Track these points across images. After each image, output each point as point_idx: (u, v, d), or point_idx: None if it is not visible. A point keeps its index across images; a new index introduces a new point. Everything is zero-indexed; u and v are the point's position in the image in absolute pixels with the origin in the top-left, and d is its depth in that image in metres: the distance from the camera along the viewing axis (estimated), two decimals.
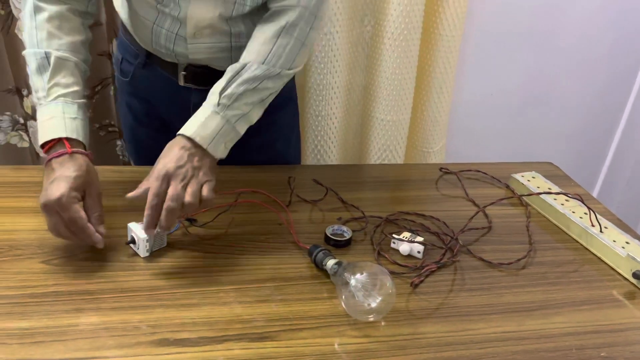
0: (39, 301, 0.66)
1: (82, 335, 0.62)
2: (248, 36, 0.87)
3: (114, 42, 1.30)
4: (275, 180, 0.98)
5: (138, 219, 0.77)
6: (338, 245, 0.82)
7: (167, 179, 0.74)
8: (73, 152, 0.74)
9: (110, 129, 1.41)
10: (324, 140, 1.47)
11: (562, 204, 0.94)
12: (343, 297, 0.69)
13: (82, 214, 0.72)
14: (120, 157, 1.46)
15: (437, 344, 0.67)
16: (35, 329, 0.62)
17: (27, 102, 1.30)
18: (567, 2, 1.59)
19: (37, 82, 0.78)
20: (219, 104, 0.81)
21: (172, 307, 0.68)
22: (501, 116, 1.72)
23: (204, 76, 0.93)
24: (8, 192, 0.86)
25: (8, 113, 1.32)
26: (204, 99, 0.95)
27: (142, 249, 0.76)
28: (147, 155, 1.09)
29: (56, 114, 0.76)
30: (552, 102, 1.74)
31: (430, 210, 0.94)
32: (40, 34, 0.79)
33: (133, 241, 0.76)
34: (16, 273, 0.70)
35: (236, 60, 0.87)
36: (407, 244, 0.81)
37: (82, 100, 0.80)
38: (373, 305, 0.68)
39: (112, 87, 1.36)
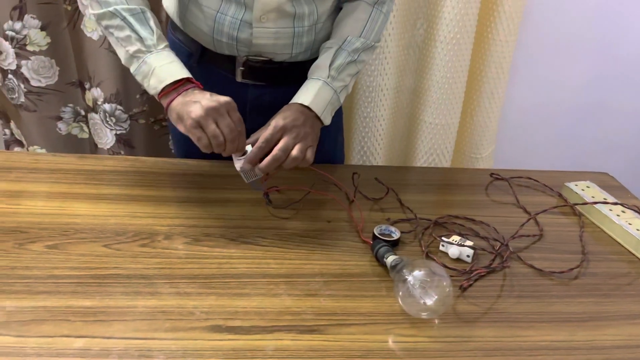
0: (101, 282, 0.70)
1: (141, 317, 0.65)
2: (308, 19, 0.91)
3: None
4: (322, 178, 0.99)
5: (191, 210, 0.79)
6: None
7: (282, 131, 0.82)
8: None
9: (164, 123, 1.46)
10: (370, 142, 1.48)
11: (618, 215, 0.92)
12: (400, 292, 0.70)
13: None
14: (172, 151, 1.51)
15: (485, 349, 0.66)
16: (97, 308, 0.66)
17: (88, 95, 1.36)
18: (628, 9, 1.55)
19: (142, 32, 0.83)
20: (329, 76, 0.89)
21: (224, 295, 0.70)
22: (554, 124, 1.69)
23: (262, 71, 0.95)
24: (73, 179, 0.91)
25: (70, 105, 1.38)
26: (260, 95, 0.97)
27: (238, 163, 0.84)
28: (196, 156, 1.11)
29: (174, 59, 0.84)
30: (608, 112, 1.69)
31: (480, 215, 0.93)
32: None
33: (245, 153, 0.83)
34: (80, 255, 0.74)
35: (297, 46, 0.92)
36: (457, 248, 0.81)
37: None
38: (429, 303, 0.68)
39: None
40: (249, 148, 0.83)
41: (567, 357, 0.66)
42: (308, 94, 0.88)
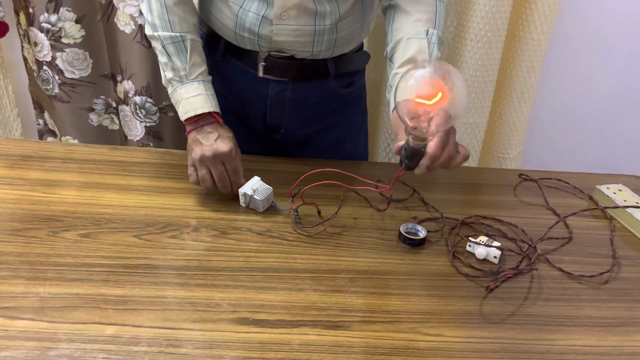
0: (131, 272, 0.71)
1: (170, 307, 0.66)
2: (330, 18, 0.90)
3: None
4: (348, 177, 0.99)
5: (219, 203, 0.80)
6: (412, 243, 0.83)
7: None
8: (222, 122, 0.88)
9: None
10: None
11: None
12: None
13: (241, 166, 0.87)
14: None
15: (512, 350, 0.66)
16: (128, 297, 0.67)
17: (120, 88, 1.38)
18: None
19: (177, 62, 0.88)
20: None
21: (251, 289, 0.71)
22: (585, 125, 1.65)
23: (284, 67, 0.96)
24: (105, 170, 0.93)
25: (102, 97, 1.41)
26: (281, 90, 0.98)
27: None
28: None
29: (201, 91, 0.88)
30: None
31: (508, 216, 0.92)
32: (172, 18, 0.88)
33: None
34: (111, 244, 0.76)
35: (318, 44, 0.92)
36: (484, 248, 0.80)
37: (210, 76, 0.92)
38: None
39: None
40: (254, 183, 0.86)
41: None
42: None
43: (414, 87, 0.71)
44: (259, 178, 0.87)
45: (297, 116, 1.02)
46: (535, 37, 1.36)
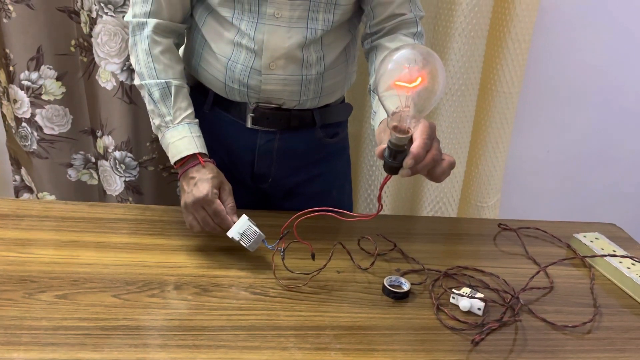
0: (110, 334, 0.69)
1: None
2: (316, 68, 0.94)
3: None
4: (332, 228, 1.00)
5: (200, 260, 0.79)
6: (396, 297, 0.82)
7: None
8: (205, 162, 0.88)
9: (172, 170, 1.47)
10: (377, 190, 1.49)
11: (629, 268, 0.92)
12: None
13: (222, 207, 0.85)
14: (179, 197, 1.51)
15: None
16: None
17: (99, 143, 1.38)
18: (629, 60, 1.59)
19: (163, 108, 0.90)
20: None
21: (234, 348, 0.69)
22: (559, 174, 1.70)
23: (272, 117, 0.98)
24: (84, 228, 0.91)
25: (82, 152, 1.40)
26: (269, 140, 1.00)
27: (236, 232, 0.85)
28: None
29: (186, 134, 0.90)
30: (612, 161, 1.70)
31: (489, 267, 0.93)
32: (158, 66, 0.91)
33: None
34: (89, 305, 0.74)
35: (305, 93, 0.95)
36: (468, 300, 0.81)
37: (197, 119, 0.93)
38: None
39: None
40: (242, 224, 0.85)
41: None
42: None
43: (393, 70, 0.70)
44: (247, 217, 0.86)
45: (285, 165, 1.04)
46: (507, 89, 1.42)
